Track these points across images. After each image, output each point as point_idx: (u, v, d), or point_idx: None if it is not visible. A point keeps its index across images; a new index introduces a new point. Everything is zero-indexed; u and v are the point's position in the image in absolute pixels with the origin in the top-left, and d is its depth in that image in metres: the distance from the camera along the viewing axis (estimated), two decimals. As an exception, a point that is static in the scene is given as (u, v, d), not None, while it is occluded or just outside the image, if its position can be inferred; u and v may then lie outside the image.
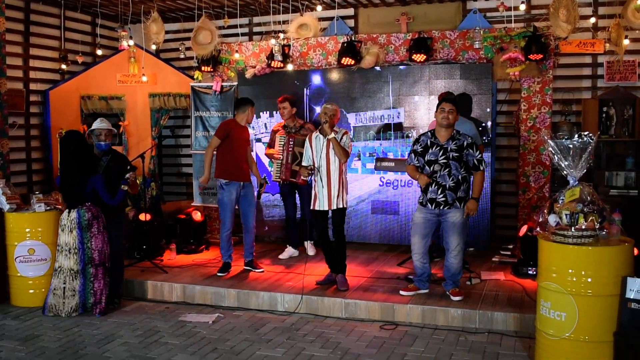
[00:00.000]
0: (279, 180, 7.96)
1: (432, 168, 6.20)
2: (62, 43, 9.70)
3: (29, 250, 6.91)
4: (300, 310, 6.52)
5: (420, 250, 6.40)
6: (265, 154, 8.15)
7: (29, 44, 9.25)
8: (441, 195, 6.18)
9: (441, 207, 6.19)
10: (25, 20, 9.21)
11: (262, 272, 7.48)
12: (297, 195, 8.14)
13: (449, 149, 6.17)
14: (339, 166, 6.71)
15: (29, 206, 7.15)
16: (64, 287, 6.44)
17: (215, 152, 7.53)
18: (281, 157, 7.89)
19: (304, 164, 6.90)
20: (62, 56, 9.54)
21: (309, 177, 6.82)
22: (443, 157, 6.17)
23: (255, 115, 8.34)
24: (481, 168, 6.22)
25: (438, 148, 6.21)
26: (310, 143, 6.84)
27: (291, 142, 7.82)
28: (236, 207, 7.57)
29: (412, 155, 6.40)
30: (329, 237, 6.95)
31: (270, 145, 8.11)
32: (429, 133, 6.37)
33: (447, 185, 6.15)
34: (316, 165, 6.73)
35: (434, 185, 6.19)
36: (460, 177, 6.17)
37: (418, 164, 6.34)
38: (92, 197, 6.46)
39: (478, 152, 6.22)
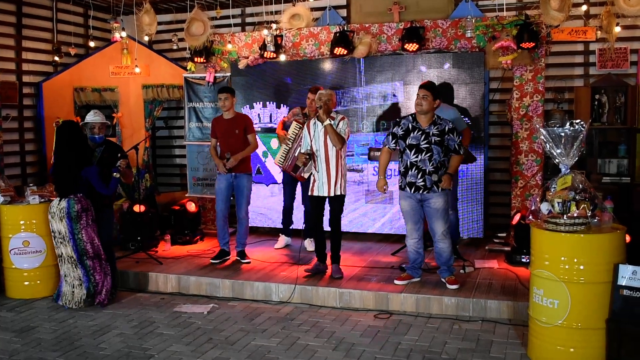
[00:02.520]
0: (280, 165, 7.86)
1: (413, 152, 6.23)
2: (55, 35, 9.68)
3: (24, 243, 6.91)
4: (293, 299, 6.55)
5: (415, 236, 6.44)
6: (278, 133, 8.09)
7: (21, 36, 9.23)
8: (420, 180, 6.22)
9: (421, 191, 6.24)
10: (18, 12, 9.18)
11: (249, 262, 7.50)
12: (298, 185, 8.08)
13: (430, 133, 6.21)
14: (337, 152, 6.72)
15: (23, 198, 7.16)
16: (72, 275, 6.46)
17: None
18: (289, 143, 7.77)
19: (302, 150, 6.90)
20: (55, 48, 9.53)
21: (308, 165, 6.80)
22: (425, 141, 6.20)
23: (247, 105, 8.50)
24: (460, 152, 6.28)
25: (420, 132, 6.24)
26: (308, 129, 6.84)
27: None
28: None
29: (390, 137, 6.44)
30: (322, 226, 6.97)
31: (285, 123, 8.00)
32: (410, 117, 6.39)
33: (427, 170, 6.20)
34: (314, 151, 6.74)
35: (414, 169, 6.23)
36: (439, 162, 6.22)
37: (395, 147, 6.39)
38: (84, 188, 6.45)
39: (458, 137, 6.28)
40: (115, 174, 6.53)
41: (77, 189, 6.42)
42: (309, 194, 6.88)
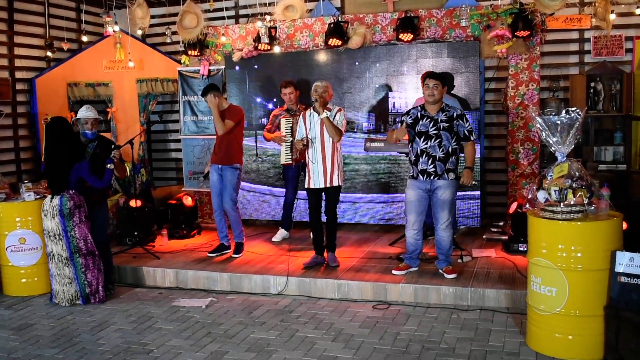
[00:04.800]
0: (291, 162, 7.88)
1: (422, 140, 6.24)
2: (47, 30, 9.64)
3: (20, 240, 6.89)
4: (288, 291, 6.55)
5: (416, 226, 6.45)
6: (268, 140, 8.07)
7: (13, 32, 9.19)
8: (431, 166, 6.23)
9: (432, 178, 6.25)
10: (9, 8, 9.14)
11: (237, 257, 7.45)
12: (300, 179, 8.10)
13: (439, 120, 6.23)
14: (333, 144, 6.71)
15: (19, 195, 7.13)
16: (62, 274, 6.44)
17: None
18: (291, 139, 7.81)
19: (297, 139, 6.90)
20: (48, 43, 9.50)
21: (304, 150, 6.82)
22: (434, 128, 6.22)
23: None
24: (472, 138, 6.29)
25: (428, 120, 6.25)
26: (304, 120, 6.83)
27: None
28: None
29: (399, 124, 6.48)
30: (321, 218, 6.97)
31: (271, 130, 8.03)
32: (419, 107, 6.41)
33: (437, 156, 6.21)
34: (310, 138, 6.73)
35: (424, 156, 6.24)
36: (450, 149, 6.23)
37: (409, 137, 6.39)
38: (77, 185, 6.43)
39: (468, 123, 6.30)
40: (109, 165, 6.50)
41: (69, 186, 6.39)
42: (305, 186, 6.88)
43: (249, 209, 9.00)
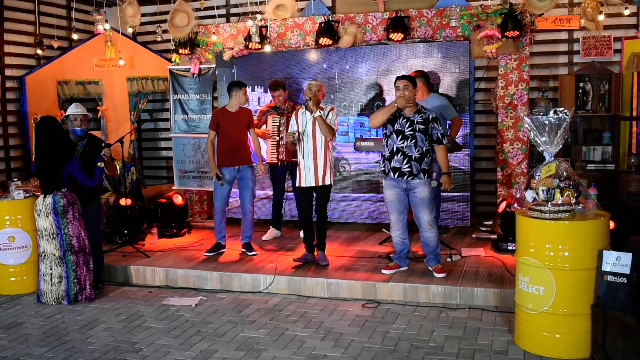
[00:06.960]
0: (276, 161, 7.93)
1: (399, 138, 6.25)
2: (37, 28, 9.60)
3: (9, 238, 6.87)
4: (277, 290, 6.57)
5: (400, 226, 6.47)
6: (257, 135, 8.13)
7: (3, 29, 9.15)
8: (406, 166, 6.24)
9: (405, 177, 6.26)
10: (-1, 5, 9.10)
11: (255, 254, 7.45)
12: (288, 178, 8.11)
13: (415, 121, 6.25)
14: (325, 143, 6.73)
15: (8, 193, 7.11)
16: (51, 274, 6.42)
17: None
18: (277, 138, 7.86)
19: (287, 132, 6.92)
20: (38, 41, 9.45)
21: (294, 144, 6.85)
22: (410, 128, 6.23)
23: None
24: (444, 142, 6.33)
25: (405, 120, 6.27)
26: (296, 119, 6.86)
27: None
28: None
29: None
30: (312, 216, 6.98)
31: (258, 126, 8.09)
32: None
33: (413, 156, 6.22)
34: (300, 133, 6.75)
35: (400, 154, 6.25)
36: (424, 149, 6.26)
37: (386, 131, 6.40)
38: (68, 183, 6.42)
39: (441, 127, 6.34)
40: (99, 163, 6.50)
41: (61, 184, 6.38)
42: (297, 185, 6.90)
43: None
